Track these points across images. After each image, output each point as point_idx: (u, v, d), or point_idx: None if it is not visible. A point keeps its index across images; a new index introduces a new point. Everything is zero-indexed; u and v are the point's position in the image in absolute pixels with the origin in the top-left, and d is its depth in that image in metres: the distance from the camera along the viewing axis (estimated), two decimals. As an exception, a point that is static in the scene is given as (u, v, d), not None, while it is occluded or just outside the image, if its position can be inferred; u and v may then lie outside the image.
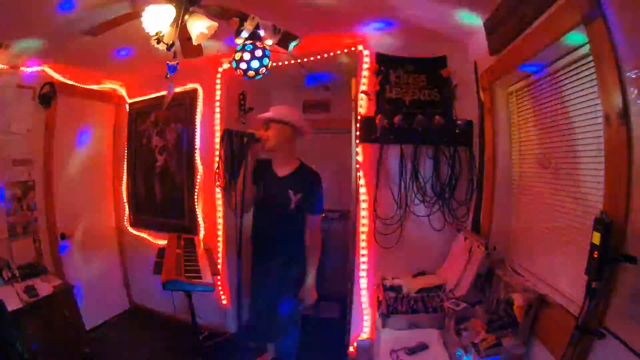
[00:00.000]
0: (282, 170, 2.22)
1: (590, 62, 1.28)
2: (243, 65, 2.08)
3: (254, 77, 2.16)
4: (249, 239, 2.24)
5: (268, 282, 2.21)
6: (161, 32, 1.60)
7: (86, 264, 3.19)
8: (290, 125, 2.18)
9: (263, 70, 2.14)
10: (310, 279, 2.20)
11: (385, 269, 2.35)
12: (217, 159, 2.86)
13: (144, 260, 3.06)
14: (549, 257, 1.62)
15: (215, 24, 1.61)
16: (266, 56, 2.09)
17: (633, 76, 1.02)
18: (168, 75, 1.83)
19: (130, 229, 3.58)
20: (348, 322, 2.60)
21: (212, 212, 3.01)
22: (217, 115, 2.96)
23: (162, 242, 3.13)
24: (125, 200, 3.60)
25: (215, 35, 1.66)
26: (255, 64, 2.07)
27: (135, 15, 1.60)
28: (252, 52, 1.96)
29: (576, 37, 1.28)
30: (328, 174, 3.53)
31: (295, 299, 2.20)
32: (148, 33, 1.55)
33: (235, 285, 2.03)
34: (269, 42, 1.92)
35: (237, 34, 1.87)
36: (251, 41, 1.93)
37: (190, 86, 3.11)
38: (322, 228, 2.28)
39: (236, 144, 2.07)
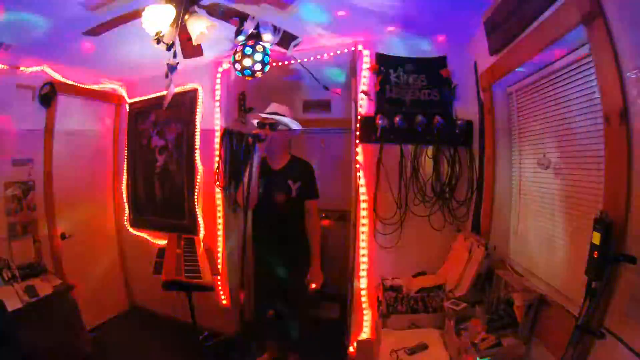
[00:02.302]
0: (277, 164, 2.37)
1: (590, 62, 1.28)
2: (243, 65, 2.08)
3: (253, 76, 2.16)
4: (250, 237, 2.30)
5: (277, 271, 2.30)
6: (161, 32, 1.60)
7: (86, 264, 3.19)
8: (291, 127, 2.32)
9: (263, 69, 2.14)
10: (316, 261, 2.32)
11: (385, 269, 2.35)
12: (217, 159, 2.88)
13: (144, 260, 3.06)
14: (549, 257, 1.62)
15: (216, 24, 1.61)
16: (266, 55, 2.09)
17: (633, 76, 1.01)
18: (168, 75, 1.83)
19: (130, 229, 3.58)
20: (348, 322, 2.60)
21: (212, 212, 3.01)
22: (217, 116, 2.96)
23: (162, 242, 3.12)
24: (125, 200, 3.60)
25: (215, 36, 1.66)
26: (254, 63, 2.07)
27: (135, 15, 1.60)
28: (251, 52, 1.96)
29: (576, 37, 1.28)
30: (328, 174, 3.54)
31: (304, 281, 2.32)
32: (148, 33, 1.56)
33: (237, 282, 2.03)
34: (268, 41, 1.93)
35: (237, 34, 1.88)
36: (251, 41, 1.93)
37: (190, 86, 3.11)
38: (322, 229, 2.33)
39: (236, 144, 2.10)
